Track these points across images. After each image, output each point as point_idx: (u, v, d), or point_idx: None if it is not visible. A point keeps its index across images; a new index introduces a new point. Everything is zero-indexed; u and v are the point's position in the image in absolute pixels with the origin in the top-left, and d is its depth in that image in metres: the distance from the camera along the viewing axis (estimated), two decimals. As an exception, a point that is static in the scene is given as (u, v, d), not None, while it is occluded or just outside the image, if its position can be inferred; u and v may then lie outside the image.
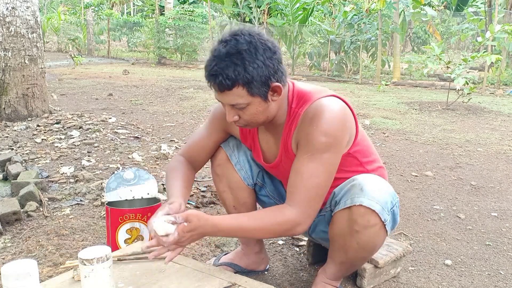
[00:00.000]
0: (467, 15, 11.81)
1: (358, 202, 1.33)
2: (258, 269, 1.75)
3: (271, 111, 1.35)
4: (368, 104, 6.22)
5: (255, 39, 1.25)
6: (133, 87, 7.56)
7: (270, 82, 1.27)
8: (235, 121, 1.34)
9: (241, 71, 1.22)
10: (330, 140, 1.30)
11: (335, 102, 1.36)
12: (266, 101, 1.30)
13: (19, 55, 4.29)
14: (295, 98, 1.39)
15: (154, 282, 1.31)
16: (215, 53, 1.25)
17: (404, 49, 16.95)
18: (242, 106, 1.28)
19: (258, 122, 1.36)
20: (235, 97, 1.26)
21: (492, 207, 2.55)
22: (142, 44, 16.83)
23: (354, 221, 1.35)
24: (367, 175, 1.41)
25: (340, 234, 1.41)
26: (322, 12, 14.51)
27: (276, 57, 1.28)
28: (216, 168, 1.61)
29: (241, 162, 1.58)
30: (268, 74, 1.25)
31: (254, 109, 1.30)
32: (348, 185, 1.39)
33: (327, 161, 1.31)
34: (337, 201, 1.41)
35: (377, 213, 1.33)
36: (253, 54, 1.23)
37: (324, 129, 1.29)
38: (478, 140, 4.19)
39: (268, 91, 1.29)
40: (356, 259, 1.46)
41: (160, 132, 4.17)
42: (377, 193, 1.34)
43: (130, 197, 1.74)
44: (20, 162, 2.90)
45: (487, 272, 1.82)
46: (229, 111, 1.32)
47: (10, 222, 2.09)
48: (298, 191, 1.30)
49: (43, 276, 1.63)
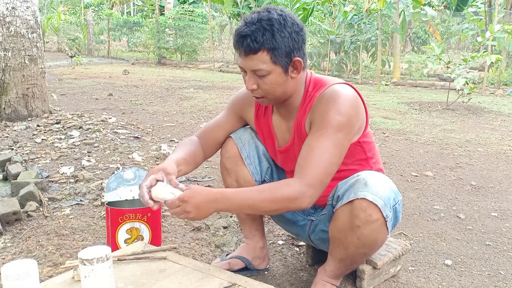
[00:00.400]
0: (467, 15, 11.82)
1: (362, 195, 1.33)
2: (260, 266, 1.75)
3: (288, 88, 1.40)
4: (368, 104, 6.19)
5: (286, 13, 1.34)
6: (133, 87, 7.56)
7: (292, 55, 1.34)
8: (253, 90, 1.38)
9: (269, 36, 1.30)
10: (344, 119, 1.34)
11: (349, 88, 1.42)
12: (286, 74, 1.36)
13: (19, 55, 4.29)
14: (312, 83, 1.45)
15: (154, 282, 1.31)
16: (247, 19, 1.34)
17: (404, 49, 16.95)
18: (263, 73, 1.34)
19: (275, 95, 1.40)
20: (258, 62, 1.32)
21: (492, 207, 2.55)
22: (142, 44, 16.83)
23: (356, 216, 1.35)
24: (371, 171, 1.43)
25: (341, 229, 1.41)
26: (322, 12, 14.50)
27: (302, 34, 1.36)
28: (226, 161, 1.62)
29: (251, 157, 1.60)
30: (292, 47, 1.33)
31: (274, 79, 1.35)
32: (352, 180, 1.40)
33: (339, 141, 1.34)
34: (339, 195, 1.41)
35: (379, 208, 1.33)
36: (282, 24, 1.31)
37: (339, 108, 1.35)
38: (478, 140, 4.19)
39: (290, 64, 1.35)
40: (356, 255, 1.46)
41: (160, 132, 4.17)
42: (381, 189, 1.35)
43: (130, 197, 1.74)
44: (20, 162, 2.90)
45: (487, 272, 1.82)
46: (250, 78, 1.37)
47: (10, 222, 2.09)
48: (307, 165, 1.33)
49: (43, 276, 1.63)
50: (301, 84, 1.45)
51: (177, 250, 1.84)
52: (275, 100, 1.44)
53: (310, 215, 1.65)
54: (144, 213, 1.68)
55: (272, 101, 1.45)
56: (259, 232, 1.75)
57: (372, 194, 1.33)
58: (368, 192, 1.33)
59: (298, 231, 1.70)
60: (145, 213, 1.68)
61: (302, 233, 1.68)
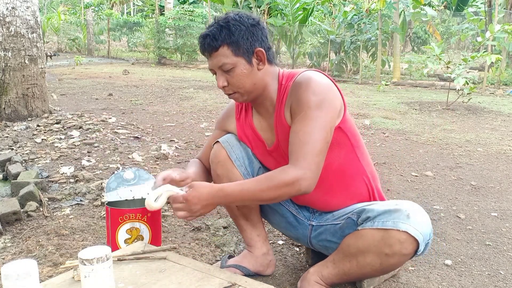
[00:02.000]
0: (467, 15, 11.82)
1: (403, 228, 1.31)
2: (265, 272, 1.70)
3: (257, 79, 1.43)
4: (368, 104, 6.22)
5: (242, 13, 1.43)
6: (133, 87, 7.56)
7: (253, 47, 1.40)
8: (224, 87, 1.43)
9: (226, 32, 1.38)
10: (320, 97, 1.37)
11: (321, 74, 1.45)
12: (251, 65, 1.41)
13: (19, 55, 4.29)
14: (285, 77, 1.49)
15: (154, 282, 1.31)
16: (208, 24, 1.45)
17: (404, 49, 16.96)
18: (228, 67, 1.39)
19: (245, 88, 1.43)
20: (221, 58, 1.39)
21: (492, 207, 2.54)
22: (142, 44, 16.85)
23: (389, 245, 1.33)
24: (410, 202, 1.39)
25: (364, 250, 1.38)
26: (322, 12, 14.51)
27: (260, 28, 1.42)
28: (217, 167, 1.61)
29: (240, 159, 1.60)
30: (252, 39, 1.40)
31: (240, 71, 1.40)
32: (388, 205, 1.37)
33: (320, 119, 1.36)
34: (370, 216, 1.38)
35: (418, 244, 1.32)
36: (237, 20, 1.40)
37: (314, 89, 1.38)
38: (478, 140, 4.19)
39: (253, 55, 1.41)
40: (367, 275, 1.46)
41: (160, 132, 4.17)
42: (422, 225, 1.33)
43: (130, 197, 1.74)
44: (20, 162, 2.90)
45: (487, 272, 1.82)
46: (219, 76, 1.43)
47: (10, 222, 2.09)
48: (297, 149, 1.34)
49: (43, 276, 1.63)
50: (272, 77, 1.48)
51: (177, 250, 1.83)
52: (248, 95, 1.46)
53: (309, 219, 1.63)
54: (144, 213, 1.67)
55: (245, 96, 1.46)
56: (261, 237, 1.69)
57: (415, 229, 1.31)
58: (411, 226, 1.31)
59: (298, 236, 1.68)
60: (145, 213, 1.68)
61: (302, 237, 1.66)
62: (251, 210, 1.65)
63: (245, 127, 1.60)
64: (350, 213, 1.48)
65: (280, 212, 1.67)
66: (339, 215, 1.53)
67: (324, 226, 1.57)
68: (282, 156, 1.51)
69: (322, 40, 11.61)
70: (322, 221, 1.59)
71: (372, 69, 11.25)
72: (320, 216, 1.61)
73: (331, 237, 1.54)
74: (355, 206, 1.50)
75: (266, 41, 1.44)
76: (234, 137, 1.63)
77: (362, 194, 1.55)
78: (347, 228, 1.46)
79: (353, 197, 1.54)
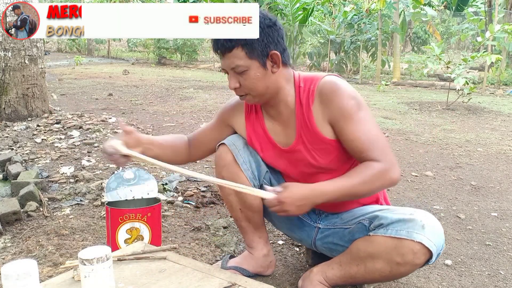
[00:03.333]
0: (467, 15, 11.81)
1: (418, 239, 1.30)
2: (265, 273, 1.70)
3: (270, 83, 1.40)
4: (368, 104, 6.19)
5: (259, 12, 1.35)
6: (133, 87, 7.56)
7: (268, 49, 1.36)
8: (236, 88, 1.40)
9: None
10: (356, 100, 1.39)
11: (338, 77, 1.47)
12: (265, 68, 1.37)
13: (19, 55, 4.29)
14: (302, 80, 1.46)
15: (154, 282, 1.31)
16: None
17: (404, 49, 16.96)
18: (241, 69, 1.36)
19: (258, 91, 1.40)
20: (235, 59, 1.35)
21: (492, 207, 2.54)
22: (142, 44, 16.83)
23: (402, 254, 1.32)
24: (424, 212, 1.38)
25: (374, 256, 1.37)
26: (322, 12, 14.51)
27: (276, 29, 1.38)
28: (222, 170, 1.56)
29: (247, 162, 1.55)
30: (267, 41, 1.35)
31: (253, 74, 1.36)
32: (402, 214, 1.36)
33: (367, 117, 1.39)
34: (383, 223, 1.37)
35: (431, 255, 1.32)
36: None
37: (348, 93, 1.39)
38: (478, 140, 4.19)
39: (267, 58, 1.37)
40: (373, 280, 1.45)
41: (160, 132, 4.16)
42: (437, 236, 1.33)
43: (130, 197, 1.74)
44: (20, 162, 2.90)
45: (487, 272, 1.82)
46: (231, 77, 1.39)
47: (10, 222, 2.09)
48: (368, 149, 1.35)
49: (43, 276, 1.63)
50: (286, 80, 1.44)
51: (177, 250, 1.83)
52: (260, 98, 1.43)
53: (316, 221, 1.62)
54: (144, 213, 1.68)
55: (256, 98, 1.44)
56: (263, 239, 1.67)
57: (429, 240, 1.30)
58: (425, 237, 1.30)
59: (302, 237, 1.66)
60: (145, 213, 1.68)
61: (306, 238, 1.64)
62: (255, 213, 1.61)
63: (256, 127, 1.55)
64: (361, 217, 1.46)
65: None
66: (348, 219, 1.51)
67: (332, 229, 1.56)
68: (298, 158, 1.49)
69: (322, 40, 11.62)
70: (330, 224, 1.57)
71: (372, 69, 11.25)
72: (327, 219, 1.59)
73: (338, 240, 1.53)
74: (365, 210, 1.49)
75: (282, 43, 1.40)
76: (241, 140, 1.57)
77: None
78: (357, 233, 1.45)
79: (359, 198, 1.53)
